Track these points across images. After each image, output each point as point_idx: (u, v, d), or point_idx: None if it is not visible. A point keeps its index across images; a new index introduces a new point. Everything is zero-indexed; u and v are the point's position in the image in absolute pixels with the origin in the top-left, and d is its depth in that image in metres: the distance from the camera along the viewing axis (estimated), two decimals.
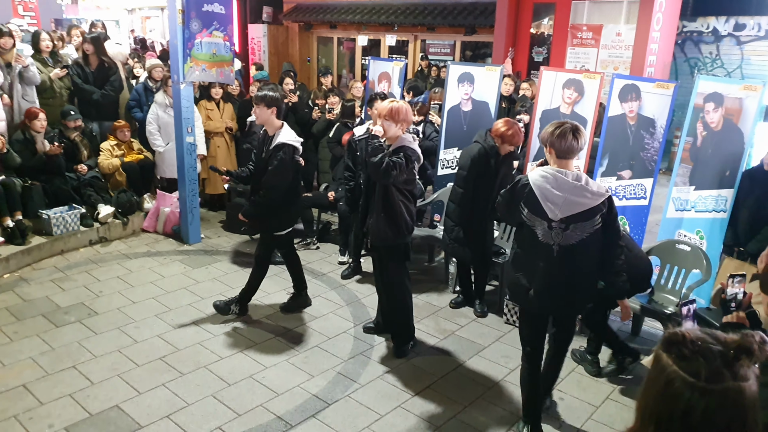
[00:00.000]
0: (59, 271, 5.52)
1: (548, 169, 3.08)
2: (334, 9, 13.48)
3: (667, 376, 1.18)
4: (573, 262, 3.09)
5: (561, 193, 3.00)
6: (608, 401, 3.91)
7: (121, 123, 6.80)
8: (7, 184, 5.64)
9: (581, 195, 3.00)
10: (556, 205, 3.01)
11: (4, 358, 4.05)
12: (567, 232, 3.04)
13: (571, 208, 3.00)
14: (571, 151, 3.04)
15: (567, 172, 3.03)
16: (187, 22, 5.67)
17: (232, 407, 3.64)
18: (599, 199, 3.03)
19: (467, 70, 6.01)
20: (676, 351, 1.19)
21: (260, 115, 4.43)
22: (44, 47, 6.82)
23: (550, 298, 3.18)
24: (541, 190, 3.04)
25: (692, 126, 4.82)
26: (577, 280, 3.16)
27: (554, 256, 3.08)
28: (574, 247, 3.06)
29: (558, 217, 3.02)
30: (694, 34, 10.09)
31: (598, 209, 3.04)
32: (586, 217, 3.02)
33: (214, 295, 5.12)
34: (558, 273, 3.11)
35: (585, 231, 3.04)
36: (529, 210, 3.10)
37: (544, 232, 3.08)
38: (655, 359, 1.24)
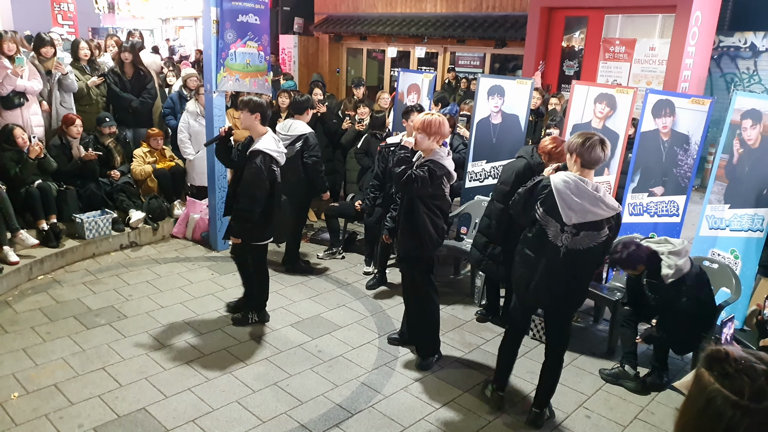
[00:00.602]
0: (91, 274, 5.63)
1: (571, 176, 3.23)
2: (365, 21, 13.60)
3: (709, 394, 1.16)
4: (575, 265, 3.29)
5: (580, 200, 3.17)
6: (636, 421, 3.83)
7: (154, 131, 6.94)
8: (43, 188, 5.79)
9: (597, 205, 3.17)
10: (573, 210, 3.18)
11: (37, 357, 4.14)
12: (577, 237, 3.23)
13: (585, 215, 3.18)
14: (597, 162, 3.20)
15: (588, 181, 3.20)
16: (221, 32, 5.76)
17: (256, 414, 3.66)
18: (611, 212, 3.22)
19: (498, 83, 6.00)
20: (719, 369, 1.17)
21: (244, 121, 4.44)
22: (82, 55, 7.02)
23: (549, 294, 3.40)
24: (561, 195, 3.21)
25: (728, 143, 4.72)
26: (575, 282, 3.37)
27: (560, 257, 3.28)
28: (580, 253, 3.25)
29: (572, 222, 3.20)
30: (731, 49, 9.91)
31: (608, 221, 3.24)
32: (597, 227, 3.21)
33: None
34: (560, 273, 3.32)
35: (593, 240, 3.24)
36: (545, 210, 3.28)
37: (555, 233, 3.27)
38: (696, 377, 1.22)
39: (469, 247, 5.67)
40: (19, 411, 3.55)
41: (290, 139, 5.62)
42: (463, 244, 5.78)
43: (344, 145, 7.21)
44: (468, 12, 12.02)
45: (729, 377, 1.15)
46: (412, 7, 13.03)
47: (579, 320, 5.08)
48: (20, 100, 6.00)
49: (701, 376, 1.20)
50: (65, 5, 12.38)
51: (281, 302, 5.22)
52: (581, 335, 4.85)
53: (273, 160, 4.38)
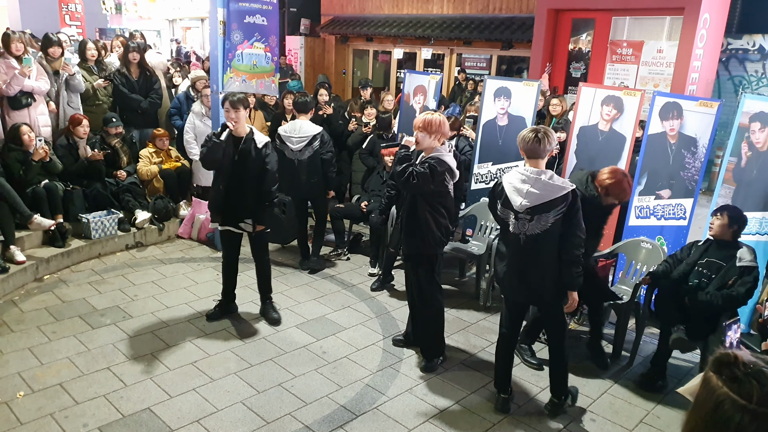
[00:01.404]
0: (96, 274, 5.64)
1: (514, 169, 3.52)
2: (371, 22, 13.60)
3: (717, 398, 1.15)
4: (538, 250, 3.43)
5: (524, 184, 3.39)
6: (641, 425, 3.80)
7: (160, 131, 6.95)
8: (49, 188, 5.81)
9: (543, 188, 3.35)
10: (520, 194, 3.40)
11: (42, 357, 4.16)
12: (531, 222, 3.40)
13: (533, 198, 3.36)
14: (533, 151, 3.40)
15: (532, 168, 3.41)
16: (228, 33, 5.77)
17: (260, 414, 3.66)
18: (561, 191, 3.33)
19: (504, 85, 5.99)
20: (728, 373, 1.16)
21: (240, 118, 4.50)
22: (90, 56, 7.05)
23: (522, 285, 3.54)
24: (508, 183, 3.47)
25: (736, 146, 4.69)
26: (543, 268, 3.46)
27: (521, 245, 3.45)
28: (539, 237, 3.40)
29: (523, 207, 3.38)
30: (740, 52, 9.86)
31: (559, 201, 3.34)
32: (548, 208, 3.35)
33: (246, 302, 5.16)
34: (525, 261, 3.47)
35: (548, 222, 3.36)
36: (502, 204, 3.53)
37: (513, 223, 3.47)
38: (704, 381, 1.21)
39: (474, 248, 5.67)
40: (24, 410, 3.56)
41: (306, 140, 5.65)
42: (469, 246, 5.76)
43: (350, 146, 7.21)
44: (474, 13, 12.00)
45: (738, 381, 1.14)
46: (418, 8, 13.02)
47: (581, 323, 5.05)
48: (28, 101, 6.03)
49: (709, 380, 1.19)
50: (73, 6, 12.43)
51: (286, 303, 5.22)
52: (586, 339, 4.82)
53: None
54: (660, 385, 4.18)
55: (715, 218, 4.18)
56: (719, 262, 4.11)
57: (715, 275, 4.10)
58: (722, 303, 3.95)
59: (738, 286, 3.95)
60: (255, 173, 4.53)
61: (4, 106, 6.01)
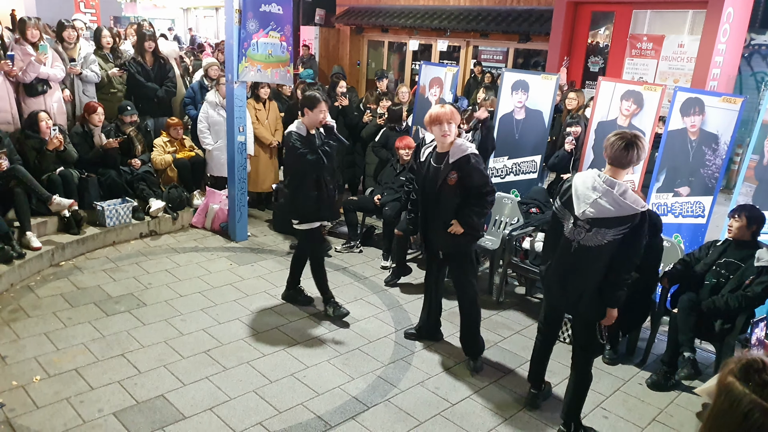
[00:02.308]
0: (111, 262, 5.68)
1: (591, 172, 3.24)
2: (387, 13, 13.52)
3: (745, 406, 1.10)
4: (586, 263, 3.23)
5: (594, 192, 3.12)
6: (654, 423, 3.78)
7: (174, 120, 6.95)
8: (65, 176, 5.84)
9: (612, 202, 3.07)
10: (584, 202, 3.15)
11: (58, 342, 4.19)
12: (589, 233, 3.17)
13: (598, 210, 3.10)
14: (618, 159, 3.11)
15: (607, 177, 3.13)
16: (243, 22, 5.75)
17: (273, 404, 3.67)
18: (629, 211, 3.05)
19: (522, 78, 5.93)
20: (757, 379, 1.11)
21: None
22: (105, 44, 7.06)
23: (561, 292, 3.40)
24: (577, 184, 3.22)
25: (759, 143, 4.61)
26: (585, 283, 3.28)
27: (571, 251, 3.26)
28: (591, 250, 3.18)
29: (585, 216, 3.14)
30: (763, 48, 9.69)
31: (626, 221, 3.07)
32: (610, 224, 3.09)
33: (259, 292, 5.18)
34: (570, 269, 3.31)
35: (605, 238, 3.13)
36: (562, 203, 3.30)
37: (569, 228, 3.25)
38: (726, 387, 1.15)
39: (488, 243, 5.63)
40: (41, 394, 3.59)
41: None
42: (483, 241, 5.73)
43: (365, 138, 7.19)
44: (492, 5, 11.89)
45: (767, 388, 1.09)
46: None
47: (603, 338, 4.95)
48: (44, 88, 6.06)
49: (733, 387, 1.13)
50: None
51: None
52: None
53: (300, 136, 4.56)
54: (673, 383, 4.14)
55: (733, 220, 4.12)
56: (737, 263, 4.07)
57: (733, 275, 4.05)
58: (738, 304, 3.90)
59: (755, 286, 3.90)
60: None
61: (20, 92, 6.05)
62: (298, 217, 4.63)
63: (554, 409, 3.82)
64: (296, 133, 4.46)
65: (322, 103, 4.44)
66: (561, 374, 4.20)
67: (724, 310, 3.97)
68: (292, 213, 4.65)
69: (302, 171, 4.47)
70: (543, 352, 3.79)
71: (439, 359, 4.34)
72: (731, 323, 4.00)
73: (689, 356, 4.03)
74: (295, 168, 4.52)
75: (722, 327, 4.03)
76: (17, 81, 5.95)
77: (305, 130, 4.49)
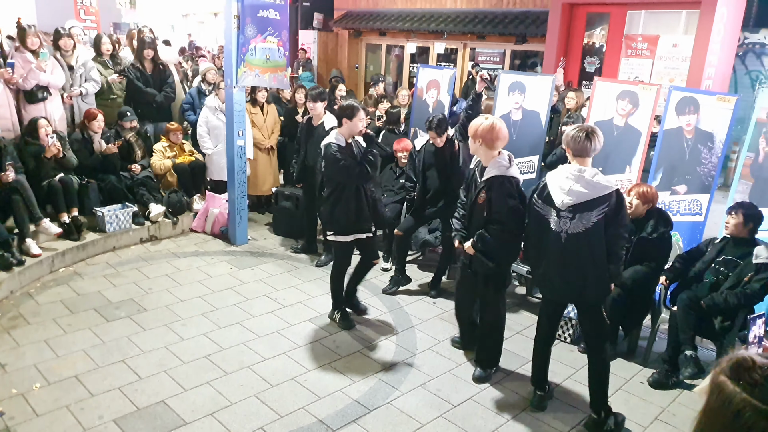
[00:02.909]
0: (111, 267, 5.69)
1: (560, 167, 3.47)
2: (384, 16, 13.55)
3: (736, 405, 1.10)
4: (579, 249, 3.36)
5: (568, 181, 3.33)
6: (657, 422, 3.78)
7: (174, 125, 6.97)
8: (65, 182, 5.85)
9: (586, 185, 3.29)
10: (563, 191, 3.33)
11: (58, 349, 4.19)
12: (573, 221, 3.33)
13: (576, 196, 3.29)
14: (582, 150, 3.37)
15: (576, 166, 3.36)
16: (242, 27, 5.78)
17: (274, 408, 3.67)
18: (604, 190, 3.27)
19: (519, 79, 5.95)
20: (747, 378, 1.11)
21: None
22: (105, 50, 7.08)
23: (562, 284, 3.49)
24: (552, 180, 3.43)
25: (754, 141, 4.63)
26: (585, 267, 3.38)
27: (562, 243, 3.38)
28: (580, 236, 3.33)
29: (565, 205, 3.32)
30: (757, 46, 9.72)
31: (602, 200, 3.28)
32: (591, 207, 3.29)
33: (260, 296, 5.19)
34: (566, 259, 3.40)
35: (590, 221, 3.30)
36: (543, 201, 3.44)
37: (555, 221, 3.39)
38: (717, 386, 1.15)
39: None
40: (40, 401, 3.60)
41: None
42: None
43: None
44: (488, 8, 11.91)
45: (758, 386, 1.09)
46: (431, 2, 12.95)
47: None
48: (44, 94, 6.07)
49: (724, 386, 1.13)
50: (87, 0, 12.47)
51: (299, 297, 5.23)
52: None
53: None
54: (674, 382, 4.14)
55: (730, 217, 4.14)
56: (736, 260, 4.08)
57: (732, 273, 4.07)
58: (737, 301, 3.91)
59: (753, 283, 3.92)
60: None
61: (20, 99, 6.06)
62: (334, 229, 4.51)
63: (556, 409, 3.83)
64: (336, 144, 4.35)
65: (361, 111, 4.37)
66: (562, 374, 4.21)
67: (723, 308, 3.98)
68: (328, 225, 4.55)
69: (344, 182, 4.39)
70: (544, 353, 3.82)
71: (440, 361, 4.35)
72: (731, 320, 4.01)
73: (691, 354, 4.04)
74: (336, 179, 4.41)
75: (722, 324, 4.04)
76: (17, 88, 5.97)
77: (344, 140, 4.40)
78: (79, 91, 6.50)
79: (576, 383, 4.10)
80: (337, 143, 4.37)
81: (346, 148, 4.39)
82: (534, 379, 3.87)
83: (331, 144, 4.37)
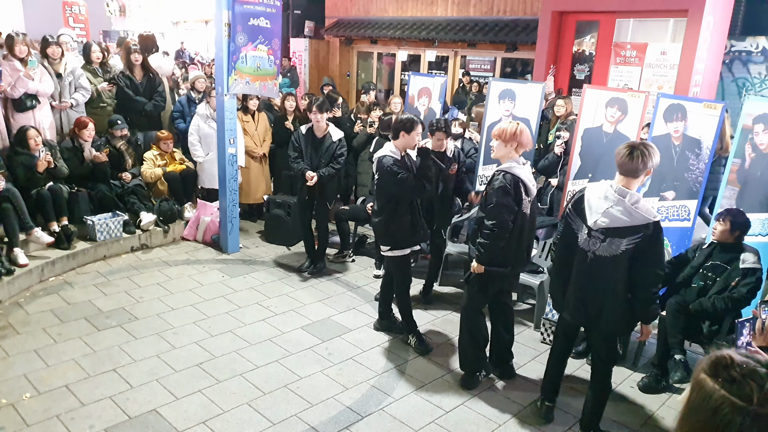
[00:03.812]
0: (102, 276, 5.66)
1: (604, 182, 3.27)
2: (376, 24, 13.62)
3: (715, 402, 1.12)
4: (602, 274, 3.23)
5: (606, 202, 3.16)
6: (646, 426, 3.81)
7: (164, 134, 6.96)
8: (54, 190, 5.83)
9: (624, 211, 3.10)
10: (597, 212, 3.18)
11: (48, 358, 4.17)
12: (603, 243, 3.18)
13: (611, 219, 3.13)
14: (627, 169, 3.12)
15: (619, 187, 3.16)
16: (233, 35, 5.79)
17: (266, 416, 3.66)
18: (642, 220, 3.09)
19: (509, 87, 6.00)
20: (725, 375, 1.13)
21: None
22: (95, 58, 7.06)
23: (578, 305, 3.37)
24: (590, 195, 3.26)
25: (740, 147, 4.69)
26: (604, 294, 3.27)
27: (587, 263, 3.26)
28: (606, 260, 3.19)
29: (597, 226, 3.17)
30: (743, 54, 9.85)
31: (638, 230, 3.10)
32: (624, 234, 3.12)
33: (251, 304, 5.19)
34: (587, 281, 3.30)
35: (619, 248, 3.14)
36: (574, 210, 3.32)
37: (584, 239, 3.26)
38: (697, 384, 1.17)
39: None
40: (30, 412, 3.57)
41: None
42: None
43: (356, 148, 7.23)
44: (479, 16, 12.01)
45: (736, 383, 1.11)
46: (422, 10, 13.04)
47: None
48: (32, 103, 6.05)
49: (704, 383, 1.15)
50: (77, 8, 12.46)
51: (291, 305, 5.23)
52: None
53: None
54: (664, 386, 4.17)
55: (718, 223, 4.19)
56: (723, 265, 4.13)
57: (719, 278, 4.11)
58: (725, 306, 3.96)
59: (740, 287, 3.97)
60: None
61: (8, 108, 6.04)
62: (390, 243, 4.45)
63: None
64: (391, 157, 4.28)
65: (419, 125, 4.31)
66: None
67: (711, 312, 4.02)
68: (383, 239, 4.51)
69: (399, 196, 4.33)
70: (558, 367, 3.76)
71: (432, 367, 4.35)
72: (719, 325, 4.05)
73: (680, 358, 4.08)
74: (391, 192, 4.35)
75: (710, 329, 4.08)
76: (5, 96, 5.94)
77: (399, 153, 4.33)
78: (69, 102, 6.49)
79: (569, 389, 4.11)
80: (393, 156, 4.29)
81: (401, 161, 4.32)
82: (545, 389, 3.81)
83: (386, 157, 4.28)
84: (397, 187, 4.27)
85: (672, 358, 4.10)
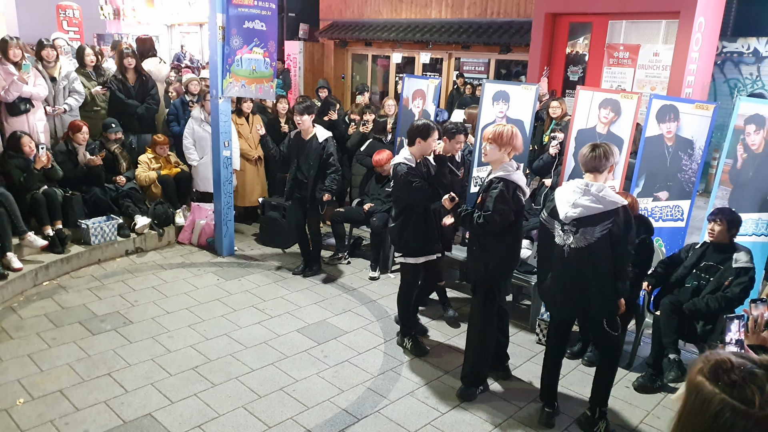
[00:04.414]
0: (96, 280, 5.64)
1: (572, 180, 3.46)
2: (370, 27, 13.64)
3: (716, 406, 1.10)
4: (582, 264, 3.35)
5: (574, 195, 3.33)
6: (642, 425, 3.82)
7: (161, 138, 6.94)
8: (48, 194, 5.81)
9: (592, 200, 3.28)
10: (567, 204, 3.34)
11: (42, 363, 4.15)
12: (576, 235, 3.33)
13: (580, 210, 3.29)
14: (587, 165, 3.39)
15: (585, 180, 3.36)
16: (227, 38, 5.79)
17: (262, 419, 3.66)
18: (610, 206, 3.26)
19: (503, 89, 6.01)
20: (726, 378, 1.11)
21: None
22: (88, 62, 7.05)
23: (565, 300, 3.50)
24: (559, 193, 3.45)
25: (732, 148, 4.72)
26: (587, 283, 3.38)
27: (565, 257, 3.39)
28: (583, 250, 3.32)
29: (569, 218, 3.32)
30: (734, 55, 9.92)
31: (608, 215, 3.27)
32: (595, 221, 3.28)
33: (247, 307, 5.18)
34: (568, 274, 3.42)
35: (593, 236, 3.29)
36: (549, 214, 3.47)
37: (559, 235, 3.41)
38: (694, 387, 1.14)
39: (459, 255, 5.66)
40: (24, 417, 3.56)
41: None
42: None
43: (350, 149, 7.24)
44: (473, 18, 12.05)
45: (736, 387, 1.09)
46: (417, 13, 13.07)
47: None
48: (26, 106, 6.03)
49: (701, 387, 1.13)
50: (70, 11, 12.42)
51: (287, 307, 5.22)
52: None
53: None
54: (659, 385, 4.19)
55: (714, 224, 4.19)
56: (717, 265, 4.15)
57: (713, 278, 4.14)
58: (718, 305, 3.98)
59: (733, 287, 3.99)
60: None
61: (2, 112, 6.02)
62: (404, 251, 4.39)
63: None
64: (406, 164, 4.19)
65: (436, 132, 4.23)
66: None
67: (705, 312, 4.04)
68: (397, 245, 4.47)
69: (414, 204, 4.27)
70: (553, 370, 3.77)
71: (428, 369, 4.36)
72: (712, 324, 4.07)
73: (674, 358, 4.10)
74: (406, 200, 4.28)
75: (704, 328, 4.10)
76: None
77: (414, 160, 4.23)
78: (63, 108, 6.47)
79: (564, 389, 4.12)
80: (408, 163, 4.20)
81: (417, 168, 4.22)
82: (543, 395, 3.80)
83: (401, 164, 4.22)
84: (411, 195, 4.22)
85: (666, 357, 4.13)
